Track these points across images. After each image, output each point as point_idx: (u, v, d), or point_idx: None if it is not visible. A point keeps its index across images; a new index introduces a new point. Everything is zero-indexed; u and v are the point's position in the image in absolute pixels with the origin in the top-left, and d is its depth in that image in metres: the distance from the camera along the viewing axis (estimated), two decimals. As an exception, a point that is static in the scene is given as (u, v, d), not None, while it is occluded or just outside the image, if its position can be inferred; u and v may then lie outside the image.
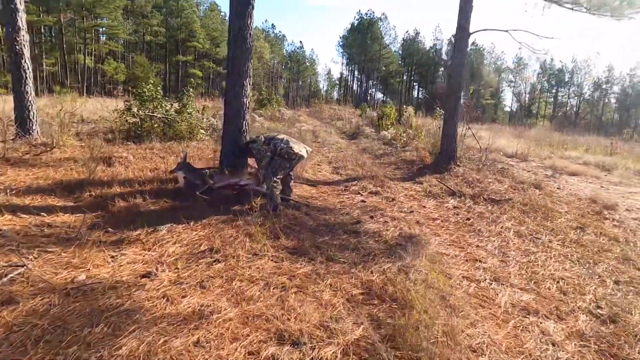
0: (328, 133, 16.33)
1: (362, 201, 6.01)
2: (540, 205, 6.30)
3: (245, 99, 5.31)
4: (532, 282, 3.80)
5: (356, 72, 72.41)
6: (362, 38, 62.54)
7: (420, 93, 72.22)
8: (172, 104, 10.42)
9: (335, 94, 75.62)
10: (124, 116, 9.42)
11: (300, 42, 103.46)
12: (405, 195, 6.82)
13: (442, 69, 67.61)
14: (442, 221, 5.46)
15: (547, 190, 7.45)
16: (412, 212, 5.71)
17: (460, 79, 8.88)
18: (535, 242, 4.90)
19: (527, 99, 67.55)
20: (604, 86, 57.86)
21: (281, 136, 5.03)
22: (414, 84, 73.36)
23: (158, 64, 51.50)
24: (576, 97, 62.34)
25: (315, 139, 13.43)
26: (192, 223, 4.21)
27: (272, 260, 3.61)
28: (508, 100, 74.34)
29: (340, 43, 68.03)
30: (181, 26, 51.08)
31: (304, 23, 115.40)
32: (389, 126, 17.80)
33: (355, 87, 73.54)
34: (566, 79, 60.74)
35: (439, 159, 9.11)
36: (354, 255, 3.88)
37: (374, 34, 63.56)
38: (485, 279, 3.75)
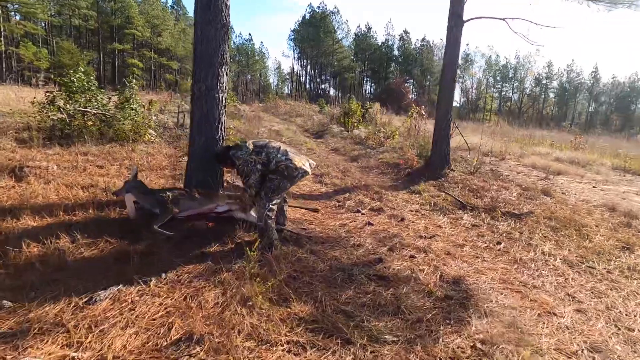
0: (292, 132, 14.96)
1: (369, 224, 4.80)
2: (566, 219, 5.44)
3: (220, 95, 3.91)
4: (637, 345, 2.79)
5: (308, 67, 71.04)
6: (314, 32, 61.22)
7: (371, 88, 72.45)
8: (110, 98, 8.56)
9: (286, 89, 73.91)
10: (46, 111, 7.45)
11: (249, 34, 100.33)
12: (411, 211, 5.71)
13: (394, 64, 68.26)
14: (471, 248, 4.39)
15: (557, 198, 6.68)
16: (432, 237, 4.59)
17: (455, 73, 7.94)
18: (593, 274, 3.96)
19: (473, 94, 70.02)
20: (544, 81, 61.17)
21: (275, 144, 3.68)
22: (366, 79, 73.41)
23: (90, 51, 46.26)
24: (519, 92, 65.45)
25: (280, 139, 12.02)
26: (151, 282, 2.76)
27: (289, 350, 2.28)
28: (456, 96, 76.74)
29: (292, 37, 66.30)
30: (116, 11, 46.15)
31: (252, 13, 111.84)
32: (356, 124, 16.80)
33: (306, 82, 72.24)
34: (510, 75, 63.50)
35: (431, 163, 8.12)
36: (401, 324, 2.66)
37: (327, 27, 62.51)
38: (582, 350, 2.69)
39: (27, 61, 35.57)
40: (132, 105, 8.30)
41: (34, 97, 7.52)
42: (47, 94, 7.62)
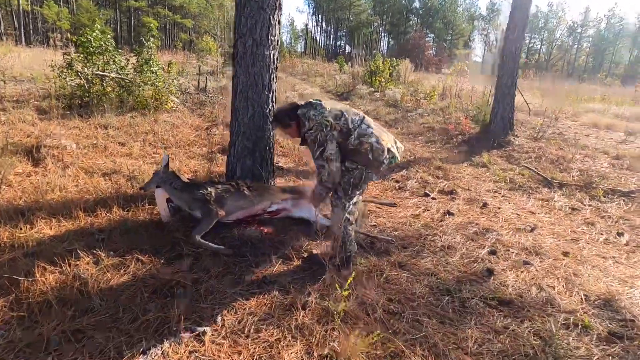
0: (315, 93, 13.78)
1: (448, 213, 3.91)
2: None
3: (272, 52, 2.94)
4: None
5: (324, 23, 67.44)
6: (331, -17, 57.45)
7: (389, 44, 68.68)
8: (128, 59, 7.65)
9: (299, 47, 70.72)
10: (64, 75, 6.65)
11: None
12: (488, 191, 4.77)
13: (413, 17, 64.11)
14: (588, 243, 3.48)
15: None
16: (533, 229, 3.67)
17: (526, 20, 6.65)
18: None
19: (498, 48, 65.74)
20: (578, 30, 56.75)
21: (355, 110, 2.62)
22: (384, 34, 69.43)
23: (107, 10, 44.74)
24: (547, 44, 61.12)
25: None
26: (205, 334, 1.95)
27: None
28: (479, 50, 72.30)
29: (308, -11, 62.42)
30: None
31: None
32: (384, 83, 15.45)
33: (321, 39, 68.88)
34: (540, 25, 59.11)
35: (491, 129, 7.03)
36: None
37: (344, -23, 58.47)
38: None
39: (50, 22, 34.58)
40: (151, 68, 7.36)
41: (52, 60, 6.67)
42: (65, 57, 6.76)
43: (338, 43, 68.80)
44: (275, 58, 3.05)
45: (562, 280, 2.77)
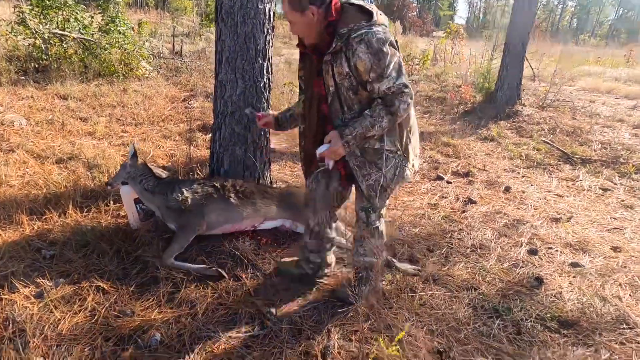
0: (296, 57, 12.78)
1: (469, 201, 3.40)
2: None
3: (266, 5, 2.25)
4: None
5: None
6: None
7: (372, 2, 66.01)
8: (92, 17, 6.69)
9: (277, 7, 67.11)
10: (15, 33, 5.72)
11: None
12: (504, 170, 4.26)
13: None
14: (637, 232, 3.04)
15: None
16: (569, 219, 3.20)
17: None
18: None
19: (481, 8, 64.14)
20: (564, -11, 55.53)
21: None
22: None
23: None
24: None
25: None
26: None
27: None
28: (462, 12, 70.23)
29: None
30: None
31: None
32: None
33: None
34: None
35: (497, 97, 6.47)
36: None
37: None
38: None
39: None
40: (119, 28, 6.42)
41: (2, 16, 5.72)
42: (17, 10, 5.77)
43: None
44: (271, 14, 2.35)
45: (626, 287, 2.32)
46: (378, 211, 1.81)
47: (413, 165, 1.82)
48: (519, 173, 4.23)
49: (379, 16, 1.53)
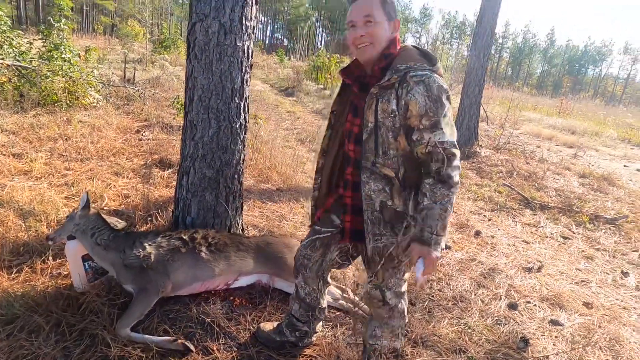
0: (257, 88, 12.75)
1: (446, 247, 3.32)
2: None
3: (245, 43, 2.10)
4: None
5: (260, 14, 65.55)
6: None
7: (323, 39, 68.75)
8: (31, 43, 6.17)
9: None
10: None
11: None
12: (471, 212, 4.30)
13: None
14: (602, 287, 3.09)
15: (626, 187, 5.59)
16: (539, 269, 3.21)
17: (494, 25, 6.36)
18: None
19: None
20: (500, 40, 61.33)
21: None
22: (321, 29, 69.23)
23: (6, -16, 38.86)
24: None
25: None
26: None
27: None
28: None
29: (244, -23, 59.96)
30: None
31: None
32: (330, 80, 14.94)
33: (257, 30, 66.88)
34: (468, 32, 62.94)
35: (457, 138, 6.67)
36: None
37: (282, -31, 57.25)
38: None
39: None
40: (63, 55, 5.95)
41: None
42: None
43: (275, 35, 67.45)
44: (250, 52, 2.17)
45: (606, 350, 2.27)
46: (393, 289, 1.55)
47: None
48: (485, 216, 4.27)
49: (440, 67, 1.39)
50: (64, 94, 5.67)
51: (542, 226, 4.12)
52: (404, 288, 1.59)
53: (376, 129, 1.35)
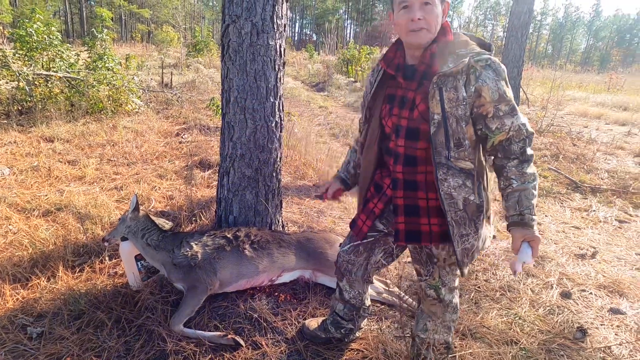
0: (289, 84, 12.83)
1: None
2: None
3: (277, 41, 2.11)
4: None
5: (288, 10, 65.77)
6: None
7: (352, 32, 67.90)
8: (78, 55, 6.54)
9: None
10: None
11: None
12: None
13: (379, 3, 63.54)
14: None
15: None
16: (593, 255, 3.04)
17: (532, 3, 6.04)
18: None
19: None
20: (538, 17, 58.21)
21: None
22: (349, 20, 68.47)
23: (54, 1, 41.24)
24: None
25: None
26: None
27: None
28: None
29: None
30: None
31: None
32: (360, 72, 14.79)
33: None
34: (502, 12, 60.19)
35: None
36: None
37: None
38: None
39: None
40: (107, 64, 6.26)
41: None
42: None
43: (304, 31, 67.55)
44: (282, 50, 2.20)
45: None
46: (448, 285, 1.50)
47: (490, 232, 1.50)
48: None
49: None
50: (109, 102, 5.99)
51: (593, 210, 3.90)
52: (457, 283, 1.55)
53: (445, 120, 1.25)
